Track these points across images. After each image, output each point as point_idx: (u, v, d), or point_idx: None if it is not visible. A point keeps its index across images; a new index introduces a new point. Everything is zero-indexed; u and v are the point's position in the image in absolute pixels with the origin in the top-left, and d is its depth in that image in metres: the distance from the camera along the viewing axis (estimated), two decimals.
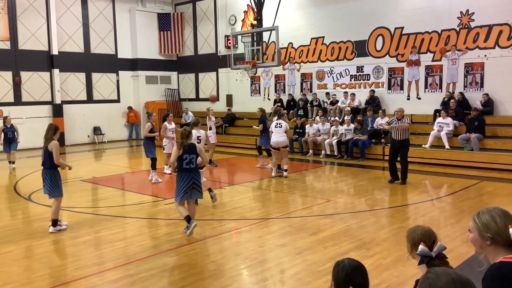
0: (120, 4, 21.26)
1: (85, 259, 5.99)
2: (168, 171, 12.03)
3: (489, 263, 2.17)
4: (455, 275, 1.82)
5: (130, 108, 21.52)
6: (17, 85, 18.35)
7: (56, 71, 19.16)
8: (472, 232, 2.28)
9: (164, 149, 11.93)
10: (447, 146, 12.76)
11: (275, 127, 11.43)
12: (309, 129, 15.20)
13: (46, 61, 19.04)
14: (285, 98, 18.44)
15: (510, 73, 12.94)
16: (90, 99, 20.56)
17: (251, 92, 19.99)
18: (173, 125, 12.08)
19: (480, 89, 13.59)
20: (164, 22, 22.19)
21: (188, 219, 6.71)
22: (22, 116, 18.32)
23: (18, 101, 18.35)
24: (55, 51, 19.07)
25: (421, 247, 2.56)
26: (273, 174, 11.67)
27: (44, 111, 19.08)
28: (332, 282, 2.44)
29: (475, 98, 13.52)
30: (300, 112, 16.90)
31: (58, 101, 19.25)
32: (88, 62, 20.26)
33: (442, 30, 14.21)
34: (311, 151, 14.98)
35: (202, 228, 7.28)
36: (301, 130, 15.54)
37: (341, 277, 2.39)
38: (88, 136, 20.57)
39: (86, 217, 8.07)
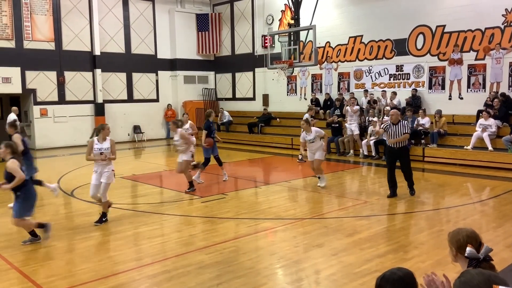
0: (159, 5, 21.67)
1: (125, 254, 6.15)
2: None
3: None
4: (492, 275, 1.77)
5: (169, 105, 21.88)
6: (61, 85, 19.03)
7: (98, 71, 19.74)
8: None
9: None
10: (490, 148, 12.33)
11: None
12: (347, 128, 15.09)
13: (89, 61, 19.64)
14: (321, 97, 18.32)
15: None
16: (130, 99, 21.07)
17: (288, 92, 19.95)
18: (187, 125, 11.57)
19: None
20: (202, 22, 22.46)
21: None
22: (66, 115, 19.00)
23: (62, 100, 19.02)
24: (97, 52, 19.64)
25: (469, 249, 2.46)
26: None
27: (87, 110, 19.70)
28: None
29: None
30: (337, 112, 16.72)
31: (100, 100, 19.83)
32: (128, 62, 20.76)
33: (486, 28, 13.74)
34: (352, 151, 14.83)
35: (237, 227, 7.34)
36: (337, 125, 15.40)
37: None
38: (128, 135, 21.08)
39: (126, 213, 8.28)
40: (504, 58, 13.43)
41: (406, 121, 9.23)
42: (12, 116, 14.18)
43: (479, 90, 14.10)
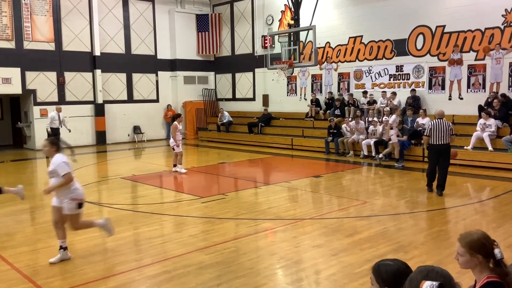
0: (159, 5, 21.68)
1: (125, 254, 6.15)
2: (183, 170, 12.33)
3: None
4: (431, 270, 1.88)
5: (169, 106, 21.89)
6: (61, 85, 19.04)
7: (98, 72, 19.75)
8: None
9: (173, 149, 12.36)
10: (490, 148, 12.33)
11: None
12: (346, 129, 15.03)
13: (89, 62, 19.65)
14: (321, 97, 18.32)
15: None
16: (130, 99, 21.07)
17: (288, 92, 19.95)
18: (180, 126, 12.61)
19: None
20: (202, 23, 22.47)
21: None
22: (66, 115, 18.96)
23: (62, 100, 19.01)
24: (97, 52, 19.65)
25: (498, 250, 2.50)
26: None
27: (87, 110, 19.71)
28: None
29: None
30: (337, 112, 16.74)
31: (100, 100, 19.83)
32: (128, 63, 20.77)
33: (486, 28, 13.75)
34: (351, 152, 14.80)
35: (237, 227, 7.34)
36: (335, 131, 15.37)
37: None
38: (128, 135, 21.09)
39: (125, 214, 8.28)
40: (504, 59, 13.43)
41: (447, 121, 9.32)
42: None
43: (479, 91, 14.10)
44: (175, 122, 12.29)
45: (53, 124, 16.08)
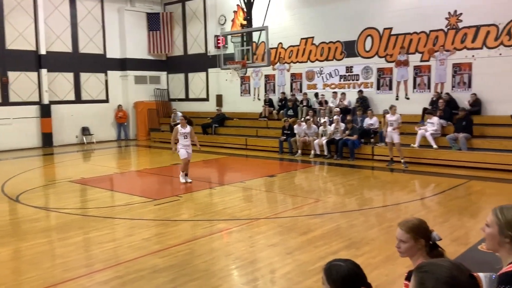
0: (108, 3, 21.12)
1: (74, 260, 5.94)
2: (183, 180, 10.83)
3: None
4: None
5: (120, 106, 21.37)
6: (4, 85, 18.14)
7: (44, 71, 18.98)
8: (491, 227, 2.12)
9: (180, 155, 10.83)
10: (434, 146, 12.85)
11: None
12: (298, 129, 15.23)
13: (34, 61, 18.85)
14: (275, 98, 18.48)
15: (497, 73, 13.08)
16: (78, 99, 20.40)
17: (241, 92, 19.98)
18: (188, 129, 10.83)
19: (468, 89, 13.72)
20: (153, 21, 22.09)
21: None
22: (10, 117, 18.13)
23: (5, 101, 18.14)
24: (43, 51, 18.89)
25: (435, 233, 2.68)
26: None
27: (32, 111, 18.89)
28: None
29: (463, 98, 13.66)
30: (290, 112, 16.94)
31: (46, 101, 19.07)
32: (76, 62, 20.09)
33: (431, 31, 14.33)
34: (300, 151, 14.99)
35: (192, 229, 7.27)
36: (289, 132, 15.53)
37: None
38: (77, 137, 20.40)
39: (75, 218, 8.00)
40: (447, 60, 14.06)
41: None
42: None
43: (425, 91, 14.68)
44: (178, 126, 10.92)
45: None
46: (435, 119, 13.14)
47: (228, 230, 7.23)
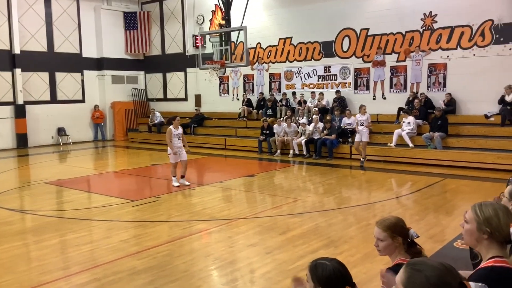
0: (84, 2, 20.79)
1: (51, 263, 5.84)
2: (176, 184, 10.49)
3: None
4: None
5: (96, 106, 21.08)
6: None
7: (18, 71, 18.57)
8: (470, 223, 2.16)
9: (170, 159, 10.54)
10: (410, 145, 13.06)
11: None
12: (277, 129, 15.27)
13: (8, 60, 18.43)
14: (253, 98, 18.49)
15: (471, 73, 13.36)
16: (54, 99, 20.03)
17: (220, 92, 19.93)
18: (180, 130, 10.55)
19: (443, 89, 13.99)
20: (130, 21, 21.86)
21: None
22: None
23: None
24: (17, 50, 18.48)
25: (412, 230, 2.72)
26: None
27: (6, 111, 18.47)
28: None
29: (438, 98, 13.91)
30: (269, 112, 16.98)
31: (20, 101, 18.67)
32: (51, 62, 19.73)
33: (406, 32, 14.56)
34: (279, 150, 15.04)
35: (171, 230, 7.22)
36: (268, 132, 15.56)
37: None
38: (52, 137, 20.04)
39: (51, 221, 7.86)
40: (423, 60, 14.30)
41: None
42: None
43: (401, 91, 14.90)
44: (171, 127, 10.39)
45: None
46: (410, 119, 13.35)
47: (207, 230, 7.21)
